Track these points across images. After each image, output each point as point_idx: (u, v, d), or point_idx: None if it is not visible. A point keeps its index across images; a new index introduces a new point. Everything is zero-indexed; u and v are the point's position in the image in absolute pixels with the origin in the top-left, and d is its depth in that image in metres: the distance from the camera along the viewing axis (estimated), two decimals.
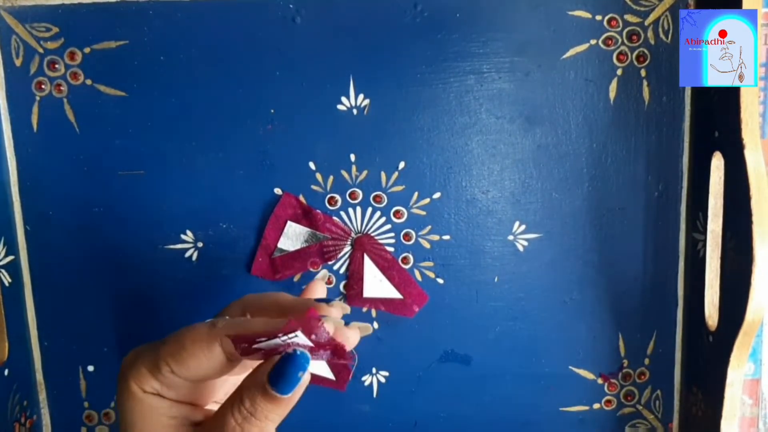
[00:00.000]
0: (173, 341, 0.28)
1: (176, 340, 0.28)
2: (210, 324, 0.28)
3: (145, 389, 0.29)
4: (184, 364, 0.28)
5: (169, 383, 0.28)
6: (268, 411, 0.27)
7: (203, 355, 0.27)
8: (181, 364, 0.28)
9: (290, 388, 0.27)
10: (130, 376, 0.29)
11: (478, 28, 0.42)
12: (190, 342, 0.28)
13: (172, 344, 0.28)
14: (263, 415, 0.27)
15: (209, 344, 0.27)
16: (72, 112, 0.43)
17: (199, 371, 0.28)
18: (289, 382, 0.27)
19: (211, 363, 0.28)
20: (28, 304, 0.45)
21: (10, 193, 0.43)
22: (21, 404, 0.44)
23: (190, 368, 0.28)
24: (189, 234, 0.44)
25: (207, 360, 0.28)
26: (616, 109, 0.42)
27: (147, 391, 0.29)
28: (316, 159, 0.43)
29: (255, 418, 0.27)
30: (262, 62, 0.42)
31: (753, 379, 0.45)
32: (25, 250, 0.44)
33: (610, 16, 0.41)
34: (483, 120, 0.43)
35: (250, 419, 0.27)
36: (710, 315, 0.41)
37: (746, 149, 0.36)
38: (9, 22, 0.42)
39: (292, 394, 0.27)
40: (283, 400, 0.27)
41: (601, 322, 0.45)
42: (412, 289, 0.44)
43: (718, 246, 0.40)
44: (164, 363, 0.28)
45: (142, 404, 0.29)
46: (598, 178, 0.43)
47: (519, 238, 0.44)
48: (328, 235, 0.43)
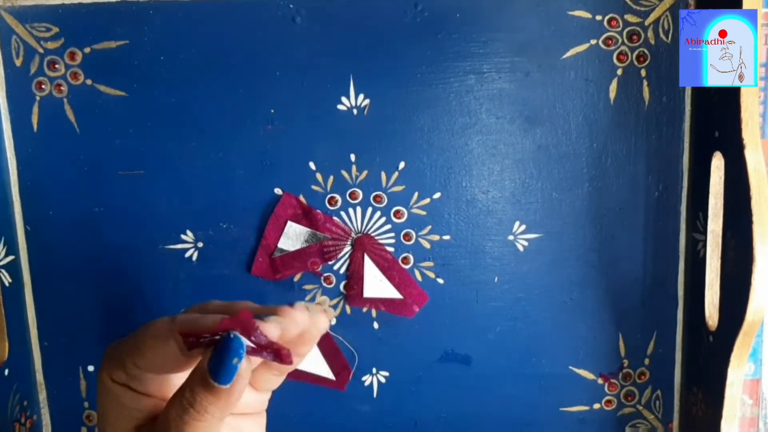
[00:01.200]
0: (138, 335, 0.29)
1: (140, 334, 0.29)
2: (170, 319, 0.28)
3: (115, 380, 0.29)
4: (143, 357, 0.28)
5: (134, 375, 0.29)
6: (208, 403, 0.27)
7: (160, 349, 0.28)
8: (141, 357, 0.28)
9: (228, 377, 0.26)
10: (105, 366, 0.30)
11: (478, 28, 0.42)
12: (151, 336, 0.28)
13: (136, 337, 0.29)
14: (202, 407, 0.27)
15: (166, 338, 0.28)
16: (72, 112, 0.43)
17: (157, 364, 0.28)
18: (225, 369, 0.26)
19: (168, 355, 0.28)
20: (28, 304, 0.45)
21: (11, 193, 0.43)
22: (21, 404, 0.44)
23: (149, 361, 0.28)
24: (189, 234, 0.44)
25: (163, 353, 0.28)
26: (616, 109, 0.42)
27: (116, 381, 0.29)
28: (316, 159, 0.43)
29: (194, 410, 0.27)
30: (262, 62, 0.42)
31: (753, 379, 0.45)
32: (25, 250, 0.44)
33: (610, 16, 0.41)
34: (483, 120, 0.43)
35: (189, 410, 0.27)
36: (710, 315, 0.41)
37: (746, 149, 0.36)
38: (9, 22, 0.42)
39: (231, 385, 0.26)
40: (222, 392, 0.26)
41: (601, 322, 0.45)
42: (412, 289, 0.44)
43: (718, 246, 0.40)
44: (127, 356, 0.29)
45: (111, 394, 0.29)
46: (598, 178, 0.43)
47: (519, 238, 0.44)
48: (329, 235, 0.43)
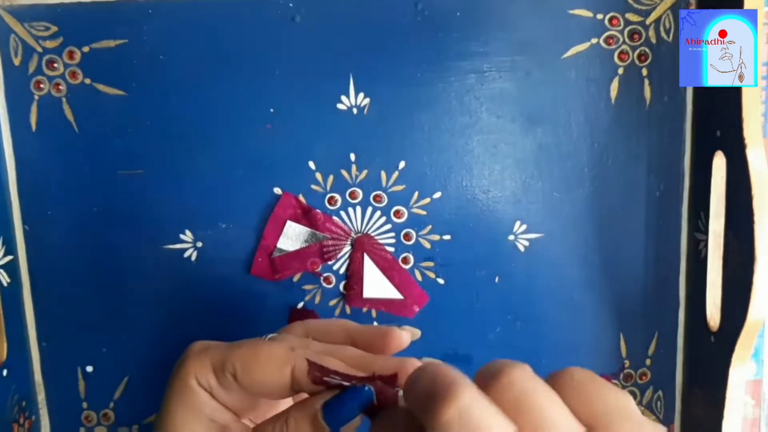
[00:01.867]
0: (249, 348, 0.28)
1: (252, 349, 0.28)
2: (289, 346, 0.28)
3: (201, 382, 0.28)
4: (250, 373, 0.27)
5: (226, 385, 0.28)
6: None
7: (272, 372, 0.27)
8: (247, 373, 0.27)
9: (343, 422, 0.26)
10: (192, 365, 0.29)
11: (478, 27, 0.41)
12: (266, 356, 0.28)
13: (246, 350, 0.28)
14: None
15: (283, 364, 0.27)
16: (71, 112, 0.43)
17: (261, 386, 0.28)
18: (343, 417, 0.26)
19: (276, 382, 0.27)
20: (27, 304, 0.45)
21: (9, 192, 0.43)
22: (20, 405, 0.44)
23: (254, 380, 0.28)
24: (188, 234, 0.44)
25: (273, 378, 0.27)
26: (617, 109, 0.42)
27: (201, 384, 0.28)
28: (316, 159, 0.43)
29: None
30: (262, 62, 0.42)
31: (755, 379, 0.45)
32: (23, 250, 0.44)
33: (611, 15, 0.41)
34: (484, 119, 0.43)
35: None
36: (712, 315, 0.41)
37: (748, 148, 0.36)
38: (7, 21, 0.42)
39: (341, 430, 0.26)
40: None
41: (603, 323, 0.45)
42: (413, 289, 0.44)
43: (719, 246, 0.40)
44: (231, 365, 0.28)
45: (191, 395, 0.28)
46: (599, 177, 0.43)
47: (520, 238, 0.44)
48: (328, 234, 0.43)
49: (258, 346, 0.28)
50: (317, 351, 0.29)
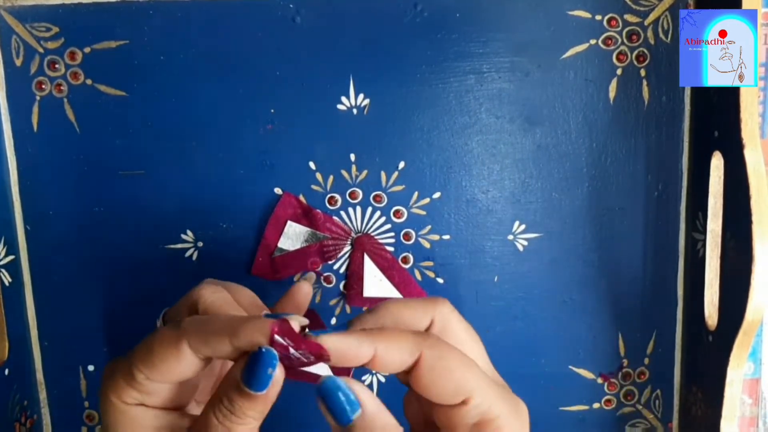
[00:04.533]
0: (142, 347, 0.28)
1: (144, 345, 0.28)
2: (174, 325, 0.28)
3: (126, 401, 0.28)
4: (155, 368, 0.28)
5: (147, 390, 0.28)
6: (246, 408, 0.27)
7: (173, 357, 0.27)
8: (152, 369, 0.28)
9: (263, 385, 0.26)
10: (109, 390, 0.29)
11: (478, 28, 0.42)
12: (158, 345, 0.28)
13: (141, 350, 0.28)
14: (242, 413, 0.27)
15: (177, 345, 0.27)
16: (72, 112, 0.43)
17: (171, 373, 0.28)
18: (260, 379, 0.26)
19: (181, 363, 0.28)
20: (29, 303, 0.45)
21: (11, 192, 0.43)
22: (21, 404, 0.44)
23: (162, 371, 0.28)
24: (189, 234, 0.44)
25: (176, 361, 0.27)
26: (615, 109, 0.42)
27: (128, 402, 0.28)
28: (316, 159, 0.43)
29: (235, 416, 0.27)
30: (262, 62, 0.42)
31: (753, 378, 0.45)
32: (25, 249, 0.44)
33: (609, 16, 0.42)
34: (483, 120, 0.43)
35: (231, 417, 0.27)
36: (710, 314, 0.41)
37: (746, 149, 0.36)
38: (9, 22, 0.42)
39: (266, 391, 0.27)
40: (259, 397, 0.27)
41: (601, 322, 0.45)
42: (412, 288, 0.44)
43: (717, 246, 0.40)
44: (137, 370, 0.28)
45: (125, 416, 0.28)
46: (597, 177, 0.43)
47: (519, 238, 0.44)
48: (328, 234, 0.43)
49: (149, 339, 0.28)
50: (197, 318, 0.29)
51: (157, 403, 0.29)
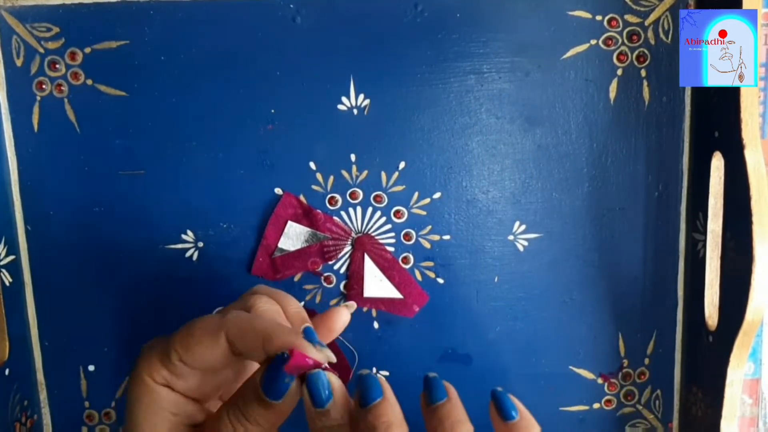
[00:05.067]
0: (184, 330, 0.29)
1: (186, 329, 0.29)
2: (220, 314, 0.29)
3: (156, 379, 0.29)
4: (191, 350, 0.29)
5: (178, 372, 0.29)
6: (260, 416, 0.28)
7: (209, 343, 0.28)
8: (188, 351, 0.29)
9: (279, 394, 0.27)
10: (143, 366, 0.30)
11: (478, 28, 0.42)
12: (199, 330, 0.29)
13: (182, 332, 0.29)
14: (254, 419, 0.28)
15: (216, 333, 0.28)
16: (73, 112, 0.43)
17: (204, 358, 0.29)
18: (277, 388, 0.27)
19: (215, 351, 0.29)
20: (29, 303, 0.45)
21: (11, 192, 0.43)
22: (21, 404, 0.44)
23: (195, 355, 0.29)
24: (189, 234, 0.44)
25: (212, 348, 0.28)
26: (616, 109, 0.42)
27: (158, 381, 0.29)
28: (316, 159, 0.43)
29: (247, 421, 0.28)
30: (262, 62, 0.42)
31: (753, 378, 0.46)
32: (25, 249, 0.44)
33: (610, 17, 0.42)
34: (483, 120, 0.43)
35: (243, 422, 0.28)
36: (710, 315, 0.41)
37: (746, 149, 0.36)
38: (10, 22, 0.42)
39: (282, 401, 0.27)
40: (275, 406, 0.27)
41: (601, 322, 0.45)
42: (412, 288, 0.44)
43: (718, 246, 0.40)
44: (173, 350, 0.29)
45: (150, 395, 0.29)
46: (598, 178, 0.43)
47: (519, 238, 0.44)
48: (329, 234, 0.44)
49: (192, 323, 0.29)
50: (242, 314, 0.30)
51: (183, 389, 0.30)
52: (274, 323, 0.29)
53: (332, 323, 0.36)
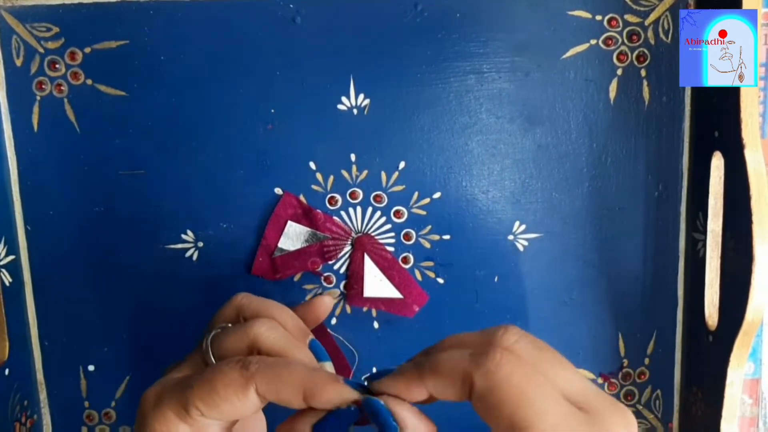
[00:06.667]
0: (203, 385, 0.27)
1: (207, 384, 0.27)
2: (241, 366, 0.27)
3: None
4: (216, 408, 0.27)
5: (199, 426, 0.28)
6: None
7: (237, 400, 0.27)
8: (213, 409, 0.27)
9: None
10: (155, 421, 0.28)
11: (478, 28, 0.42)
12: (222, 387, 0.27)
13: (202, 387, 0.27)
14: None
15: (245, 390, 0.27)
16: (72, 112, 0.43)
17: (233, 414, 0.27)
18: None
19: (246, 406, 0.27)
20: (29, 303, 0.45)
21: (11, 192, 0.43)
22: (21, 404, 0.44)
23: (223, 412, 0.27)
24: (189, 234, 0.44)
25: (241, 404, 0.27)
26: (616, 109, 0.42)
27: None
28: (316, 159, 0.43)
29: None
30: (262, 62, 0.42)
31: (753, 378, 0.46)
32: (25, 249, 0.44)
33: (610, 16, 0.42)
34: (483, 120, 0.43)
35: None
36: (710, 315, 0.41)
37: (746, 149, 0.36)
38: (9, 22, 0.42)
39: None
40: None
41: (601, 322, 0.45)
42: (412, 288, 0.44)
43: (718, 246, 0.40)
44: (194, 407, 0.27)
45: None
46: (598, 177, 0.43)
47: (519, 238, 0.44)
48: (329, 234, 0.44)
49: (212, 378, 0.27)
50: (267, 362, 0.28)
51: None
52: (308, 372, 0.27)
53: (317, 311, 0.36)
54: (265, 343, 0.30)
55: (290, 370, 0.27)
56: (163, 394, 0.28)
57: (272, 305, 0.33)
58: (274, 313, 0.32)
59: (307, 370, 0.27)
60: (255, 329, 0.30)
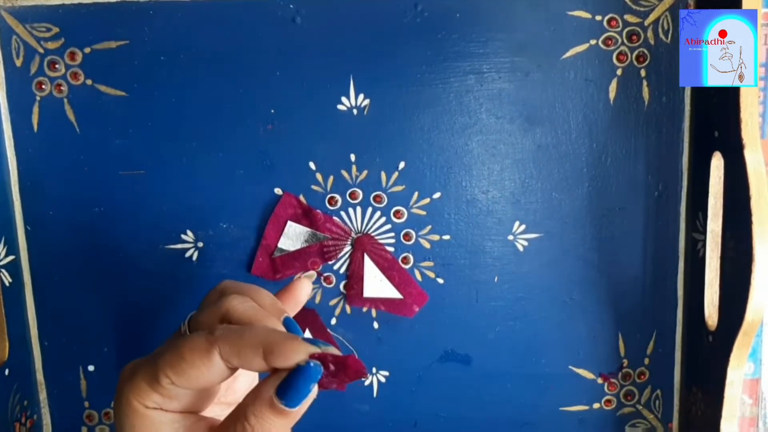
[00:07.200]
0: (171, 352, 0.28)
1: (174, 351, 0.28)
2: (207, 333, 0.28)
3: (147, 404, 0.28)
4: (184, 374, 0.27)
5: (170, 395, 0.28)
6: (273, 424, 0.27)
7: (203, 365, 0.27)
8: (180, 375, 0.27)
9: (299, 400, 0.27)
10: (130, 392, 0.28)
11: (478, 28, 0.42)
12: (189, 352, 0.27)
13: (170, 355, 0.28)
14: (267, 428, 0.27)
15: (209, 353, 0.27)
16: (72, 112, 0.43)
17: (199, 380, 0.28)
18: (299, 394, 0.27)
19: (211, 372, 0.27)
20: (29, 303, 0.45)
21: (11, 192, 0.43)
22: (21, 404, 0.44)
23: (190, 378, 0.27)
24: (189, 234, 0.44)
25: (207, 369, 0.27)
26: (616, 109, 0.42)
27: (149, 406, 0.28)
28: (316, 159, 0.43)
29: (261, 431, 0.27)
30: (262, 62, 0.42)
31: (753, 378, 0.46)
32: (25, 249, 0.44)
33: (609, 17, 0.42)
34: (483, 120, 0.43)
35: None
36: (710, 315, 0.41)
37: (746, 149, 0.36)
38: (9, 23, 0.42)
39: (299, 407, 0.27)
40: (290, 413, 0.27)
41: (601, 322, 0.45)
42: (412, 289, 0.44)
43: (717, 246, 0.40)
44: (163, 375, 0.27)
45: (144, 420, 0.28)
46: (598, 178, 0.43)
47: (519, 238, 0.44)
48: (329, 235, 0.44)
49: (179, 344, 0.28)
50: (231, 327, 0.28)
51: (177, 408, 0.29)
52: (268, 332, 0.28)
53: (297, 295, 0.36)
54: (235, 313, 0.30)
55: (252, 331, 0.28)
56: (137, 367, 0.29)
57: (252, 287, 0.33)
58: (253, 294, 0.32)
59: (267, 331, 0.28)
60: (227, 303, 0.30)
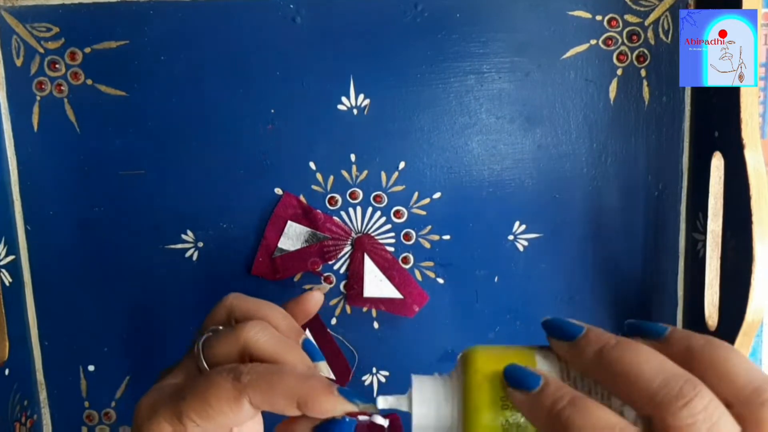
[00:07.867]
0: (195, 397, 0.27)
1: (199, 396, 0.27)
2: (233, 377, 0.27)
3: None
4: (211, 420, 0.27)
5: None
6: None
7: (231, 412, 0.27)
8: (207, 421, 0.27)
9: None
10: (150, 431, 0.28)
11: (478, 28, 0.42)
12: (215, 399, 0.27)
13: (194, 399, 0.27)
14: None
15: (237, 402, 0.27)
16: (72, 112, 0.43)
17: (228, 423, 0.27)
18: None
19: (239, 417, 0.27)
20: (29, 303, 0.45)
21: (11, 192, 0.43)
22: (21, 404, 0.44)
23: (217, 422, 0.27)
24: (189, 234, 0.44)
25: (235, 415, 0.27)
26: (616, 109, 0.42)
27: None
28: (316, 159, 0.43)
29: None
30: (262, 62, 0.42)
31: None
32: (25, 249, 0.44)
33: (610, 17, 0.42)
34: (483, 120, 0.43)
35: None
36: (710, 315, 0.41)
37: (746, 149, 0.36)
38: (9, 22, 0.42)
39: None
40: None
41: (601, 322, 0.45)
42: (412, 288, 0.44)
43: (717, 246, 0.40)
44: (188, 419, 0.27)
45: None
46: (598, 177, 0.43)
47: (519, 238, 0.44)
48: (329, 234, 0.44)
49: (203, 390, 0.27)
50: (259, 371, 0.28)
51: None
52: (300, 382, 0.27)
53: (308, 308, 0.35)
54: (257, 347, 0.29)
55: (283, 379, 0.27)
56: (157, 405, 0.28)
57: (263, 305, 0.32)
58: (266, 314, 0.32)
59: (300, 379, 0.27)
60: (246, 333, 0.29)
